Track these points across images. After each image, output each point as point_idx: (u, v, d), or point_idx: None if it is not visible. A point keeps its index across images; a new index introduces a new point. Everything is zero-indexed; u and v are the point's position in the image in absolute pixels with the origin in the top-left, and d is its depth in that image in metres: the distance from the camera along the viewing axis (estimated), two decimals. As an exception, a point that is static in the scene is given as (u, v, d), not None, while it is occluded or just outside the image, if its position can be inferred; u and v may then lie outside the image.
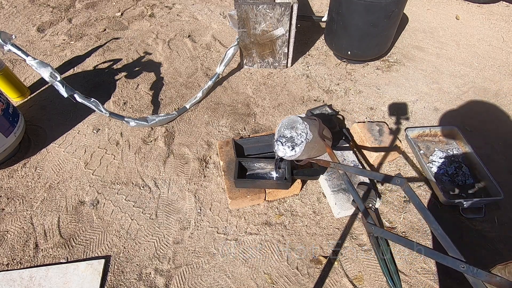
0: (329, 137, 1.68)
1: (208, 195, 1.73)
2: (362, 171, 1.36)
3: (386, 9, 2.08)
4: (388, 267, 1.43)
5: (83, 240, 1.55)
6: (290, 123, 1.56)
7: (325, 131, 1.64)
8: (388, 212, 1.67)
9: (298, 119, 1.52)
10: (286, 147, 1.51)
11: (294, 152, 1.49)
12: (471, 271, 0.87)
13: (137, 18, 3.09)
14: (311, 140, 1.48)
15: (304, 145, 1.46)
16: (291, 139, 1.52)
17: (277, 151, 1.55)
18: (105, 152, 1.94)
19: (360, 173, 1.37)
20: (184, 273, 1.44)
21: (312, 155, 1.58)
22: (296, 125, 1.54)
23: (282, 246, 1.54)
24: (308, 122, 1.52)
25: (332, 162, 1.49)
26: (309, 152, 1.52)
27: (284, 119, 1.58)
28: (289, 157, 1.52)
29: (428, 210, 1.07)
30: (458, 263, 0.90)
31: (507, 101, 2.29)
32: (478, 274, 0.85)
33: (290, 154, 1.51)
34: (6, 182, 1.78)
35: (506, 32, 2.93)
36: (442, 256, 0.97)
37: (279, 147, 1.53)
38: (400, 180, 1.13)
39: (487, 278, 0.84)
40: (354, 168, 1.43)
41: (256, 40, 2.30)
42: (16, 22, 2.99)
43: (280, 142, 1.53)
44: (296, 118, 1.53)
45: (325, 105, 2.16)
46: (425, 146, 1.94)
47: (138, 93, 2.33)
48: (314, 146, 1.52)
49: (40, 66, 1.70)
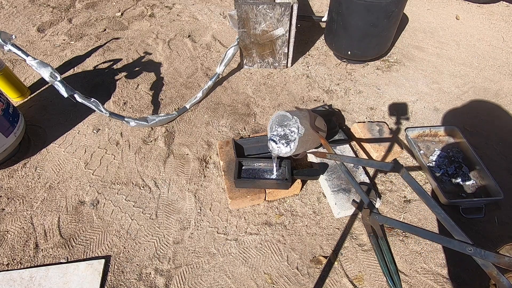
0: (323, 128, 1.66)
1: (208, 195, 1.73)
2: (358, 160, 1.37)
3: (386, 9, 2.08)
4: (388, 267, 1.43)
5: (83, 240, 1.55)
6: (280, 120, 1.56)
7: (317, 121, 1.62)
8: (388, 212, 1.67)
9: (287, 114, 1.50)
10: (280, 145, 1.53)
11: (289, 148, 1.50)
12: (479, 253, 0.86)
13: (137, 18, 3.09)
14: (304, 133, 1.47)
15: (298, 140, 1.46)
16: (285, 136, 1.53)
17: (272, 150, 1.56)
18: (105, 152, 1.94)
19: (356, 162, 1.38)
20: (184, 273, 1.44)
21: (308, 148, 1.58)
22: (287, 121, 1.54)
23: (282, 246, 1.54)
24: (298, 116, 1.50)
25: (328, 153, 1.49)
26: (304, 145, 1.53)
27: (273, 116, 1.57)
28: (284, 154, 1.52)
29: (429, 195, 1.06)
30: (465, 246, 0.89)
31: (507, 101, 2.29)
32: (487, 256, 0.84)
33: (285, 151, 1.52)
34: (6, 182, 1.78)
35: (506, 32, 2.94)
36: (448, 240, 0.95)
37: (273, 145, 1.55)
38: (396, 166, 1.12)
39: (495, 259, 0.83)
40: (350, 157, 1.42)
41: (256, 40, 2.30)
42: (16, 22, 2.99)
43: (274, 141, 1.54)
44: (285, 114, 1.51)
45: (325, 105, 2.16)
46: (425, 146, 1.94)
47: (138, 93, 2.33)
48: (308, 139, 1.52)
49: (40, 66, 1.70)
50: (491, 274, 0.87)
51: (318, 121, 1.63)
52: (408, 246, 1.54)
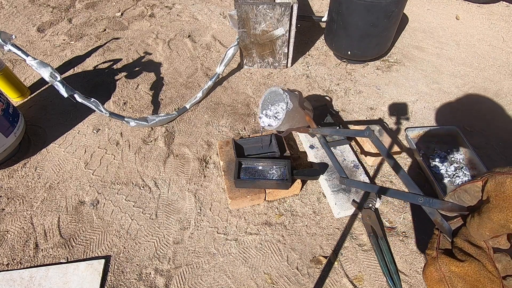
0: (310, 109, 1.79)
1: (208, 195, 1.74)
2: (337, 131, 1.55)
3: (386, 9, 2.08)
4: (388, 267, 1.43)
5: (83, 240, 1.55)
6: (273, 96, 1.71)
7: (306, 103, 1.75)
8: (388, 212, 1.67)
9: (279, 90, 1.63)
10: (270, 119, 1.69)
11: (277, 121, 1.64)
12: (427, 202, 0.93)
13: (137, 18, 3.09)
14: (292, 109, 1.58)
15: (285, 113, 1.56)
16: (276, 114, 1.68)
17: (263, 122, 1.70)
18: (105, 152, 1.94)
19: (335, 132, 1.57)
20: (184, 273, 1.44)
21: (294, 125, 1.69)
22: (278, 96, 1.69)
23: (282, 246, 1.54)
24: (289, 93, 1.62)
25: (310, 128, 1.64)
26: (291, 121, 1.63)
27: (266, 92, 1.70)
28: (272, 127, 1.65)
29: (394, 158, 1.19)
30: (417, 197, 0.96)
31: (507, 101, 2.29)
32: (433, 203, 0.92)
33: (273, 124, 1.66)
34: (6, 182, 1.78)
35: (506, 32, 2.94)
36: (403, 193, 1.05)
37: (265, 119, 1.70)
38: (368, 132, 1.25)
39: (440, 205, 0.90)
40: (329, 129, 1.61)
41: (256, 40, 2.30)
42: (16, 22, 2.99)
43: (264, 115, 1.71)
44: (277, 89, 1.64)
45: (325, 105, 2.16)
46: (425, 146, 1.94)
47: (138, 93, 2.33)
48: (295, 116, 1.63)
49: (40, 66, 1.70)
50: (436, 220, 0.94)
51: (306, 103, 1.77)
52: (408, 246, 1.54)
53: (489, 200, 0.77)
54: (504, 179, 0.74)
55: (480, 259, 0.79)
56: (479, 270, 0.78)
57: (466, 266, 0.80)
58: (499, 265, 0.80)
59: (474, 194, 0.83)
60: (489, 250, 0.80)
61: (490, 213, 0.75)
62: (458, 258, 0.82)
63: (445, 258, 0.85)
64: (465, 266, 0.80)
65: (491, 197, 0.76)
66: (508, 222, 0.71)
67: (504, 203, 0.71)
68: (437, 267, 0.86)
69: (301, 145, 1.99)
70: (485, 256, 0.79)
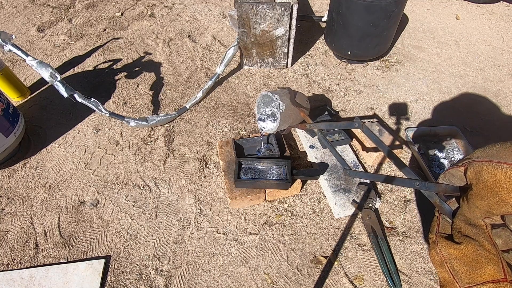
0: (305, 104, 1.84)
1: (208, 195, 1.73)
2: (330, 124, 1.59)
3: (386, 9, 2.08)
4: (388, 267, 1.43)
5: (83, 240, 1.55)
6: (266, 101, 1.77)
7: (298, 97, 1.79)
8: (388, 212, 1.67)
9: (268, 94, 1.69)
10: (268, 122, 1.75)
11: (275, 123, 1.70)
12: (424, 186, 0.96)
13: (137, 18, 3.09)
14: (285, 109, 1.65)
15: (280, 115, 1.63)
16: (272, 115, 1.75)
17: (264, 128, 1.75)
18: (105, 152, 1.94)
19: (329, 126, 1.60)
20: (184, 273, 1.44)
21: (292, 122, 1.75)
22: (271, 101, 1.74)
23: (282, 246, 1.54)
24: (279, 94, 1.68)
25: (307, 123, 1.70)
26: (288, 120, 1.69)
27: (259, 98, 1.77)
28: (272, 130, 1.72)
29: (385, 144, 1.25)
30: (414, 182, 1.00)
31: (507, 101, 2.29)
32: (429, 187, 0.95)
33: (272, 127, 1.72)
34: (6, 182, 1.78)
35: (506, 32, 2.94)
36: (400, 179, 1.09)
37: (262, 124, 1.75)
38: (357, 123, 1.30)
39: (435, 188, 0.93)
40: (325, 123, 1.63)
41: (256, 40, 2.30)
42: (16, 22, 2.99)
43: (262, 119, 1.76)
44: (267, 93, 1.70)
45: (325, 105, 2.16)
46: (425, 146, 1.94)
47: (138, 93, 2.33)
48: (290, 114, 1.70)
49: (40, 66, 1.70)
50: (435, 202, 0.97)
51: (299, 97, 1.80)
52: (408, 246, 1.54)
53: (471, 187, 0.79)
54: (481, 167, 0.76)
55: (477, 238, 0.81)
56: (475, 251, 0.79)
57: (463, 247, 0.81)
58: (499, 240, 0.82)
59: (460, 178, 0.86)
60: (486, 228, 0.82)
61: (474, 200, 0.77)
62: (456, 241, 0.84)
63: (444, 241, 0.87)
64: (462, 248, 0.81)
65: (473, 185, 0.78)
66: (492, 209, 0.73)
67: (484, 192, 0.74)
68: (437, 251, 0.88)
69: (301, 145, 1.99)
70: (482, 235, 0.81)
